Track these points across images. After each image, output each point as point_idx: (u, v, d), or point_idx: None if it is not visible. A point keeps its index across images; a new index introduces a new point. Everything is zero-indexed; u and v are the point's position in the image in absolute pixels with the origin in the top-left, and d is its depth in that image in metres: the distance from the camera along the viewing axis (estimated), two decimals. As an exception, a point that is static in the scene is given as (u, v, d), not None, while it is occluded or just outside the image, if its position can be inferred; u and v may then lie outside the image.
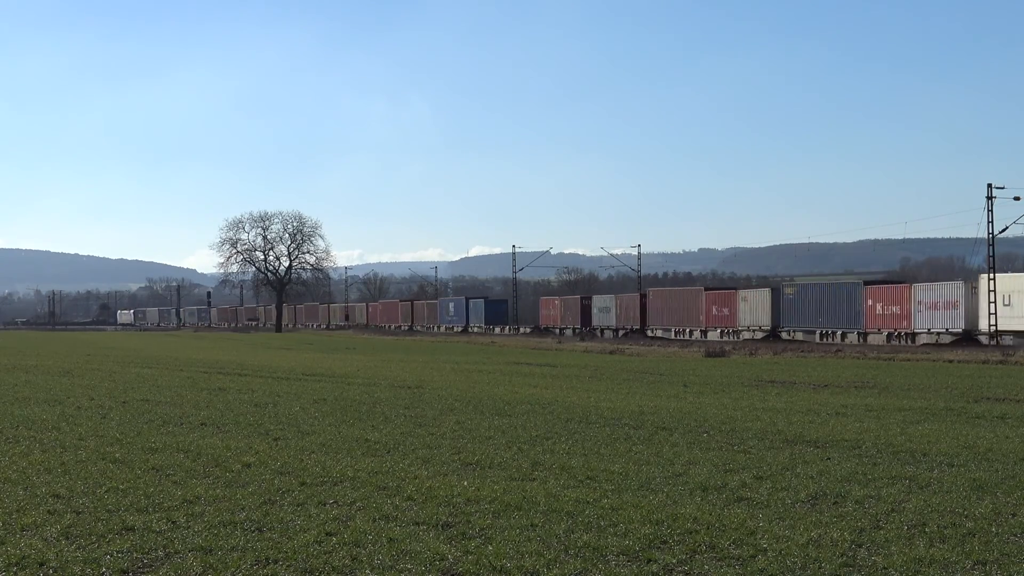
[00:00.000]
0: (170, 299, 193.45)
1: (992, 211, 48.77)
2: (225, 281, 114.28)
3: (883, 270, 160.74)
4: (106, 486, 9.91)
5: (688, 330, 65.95)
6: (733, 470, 10.93)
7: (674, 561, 7.24)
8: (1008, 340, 45.77)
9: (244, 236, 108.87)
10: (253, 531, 8.10)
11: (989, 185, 48.68)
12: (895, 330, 52.00)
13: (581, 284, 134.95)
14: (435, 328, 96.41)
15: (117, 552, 7.47)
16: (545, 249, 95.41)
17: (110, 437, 13.59)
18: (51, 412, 16.86)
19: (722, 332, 62.54)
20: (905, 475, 10.62)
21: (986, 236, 48.54)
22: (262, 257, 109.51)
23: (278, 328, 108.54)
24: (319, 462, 11.38)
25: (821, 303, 56.68)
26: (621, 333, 71.52)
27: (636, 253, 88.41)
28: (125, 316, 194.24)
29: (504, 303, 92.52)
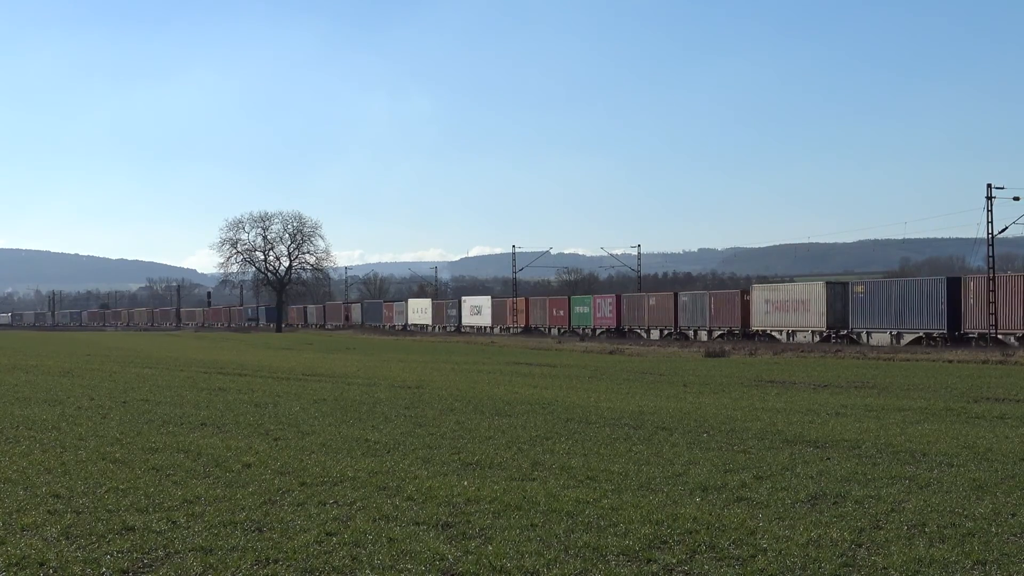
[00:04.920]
0: (170, 299, 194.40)
1: (992, 211, 48.74)
2: (225, 281, 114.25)
3: (883, 270, 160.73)
4: (106, 486, 9.91)
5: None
6: (733, 470, 10.93)
7: (674, 561, 7.24)
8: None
9: (244, 236, 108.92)
10: (253, 531, 8.09)
11: (989, 185, 48.64)
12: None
13: (581, 284, 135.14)
14: (244, 325, 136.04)
15: (117, 552, 7.47)
16: (545, 249, 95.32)
17: (110, 437, 13.59)
18: (51, 412, 16.85)
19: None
20: (905, 475, 10.62)
21: (986, 236, 48.54)
22: (262, 257, 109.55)
23: (278, 328, 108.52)
24: (319, 462, 11.37)
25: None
26: (322, 325, 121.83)
27: (636, 253, 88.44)
28: (2, 318, 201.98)
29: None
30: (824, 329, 53.09)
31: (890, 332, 49.57)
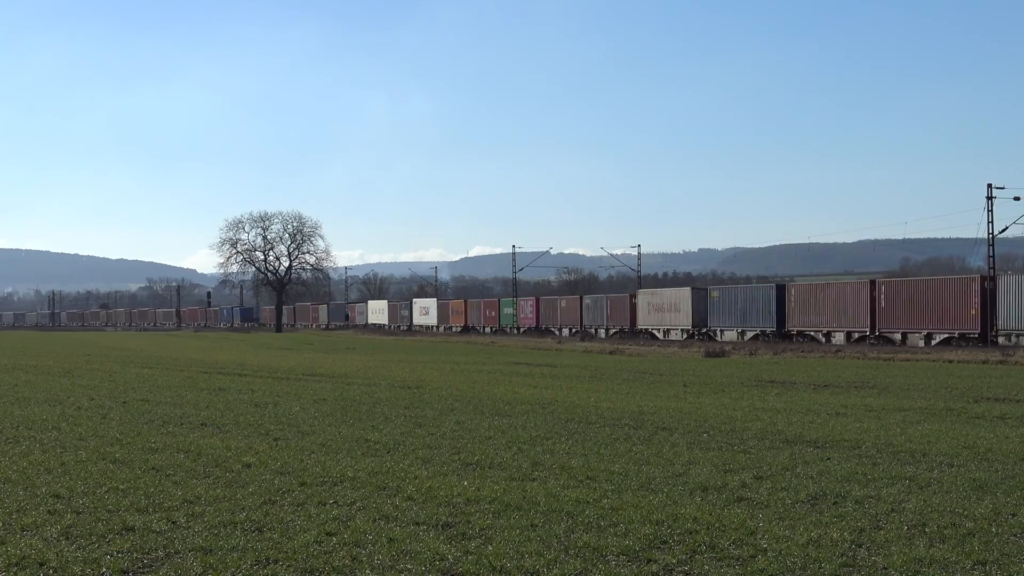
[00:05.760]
0: (170, 299, 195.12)
1: (992, 211, 48.78)
2: (225, 281, 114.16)
3: (883, 270, 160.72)
4: (106, 486, 9.90)
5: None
6: (733, 470, 10.93)
7: (674, 561, 7.24)
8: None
9: (244, 236, 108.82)
10: (253, 531, 8.09)
11: (989, 185, 48.70)
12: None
13: (581, 284, 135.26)
14: (219, 325, 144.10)
15: (117, 552, 7.47)
16: (545, 249, 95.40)
17: (110, 437, 13.59)
18: (51, 412, 16.85)
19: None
20: (905, 475, 10.61)
21: (986, 236, 48.54)
22: (262, 257, 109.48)
23: (278, 328, 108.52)
24: (319, 462, 11.37)
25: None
26: (291, 326, 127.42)
27: (636, 253, 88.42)
28: None
29: (251, 309, 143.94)
30: (690, 328, 61.60)
31: (737, 330, 57.96)
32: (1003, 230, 50.22)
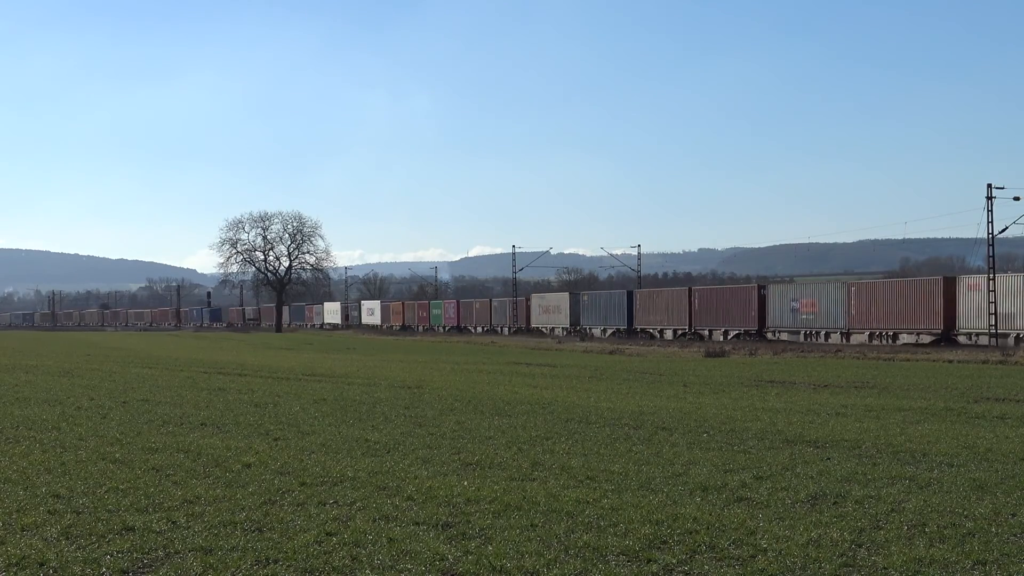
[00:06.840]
0: (170, 299, 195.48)
1: (992, 211, 48.73)
2: (225, 281, 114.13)
3: (883, 270, 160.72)
4: (106, 486, 9.90)
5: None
6: (733, 470, 10.93)
7: (674, 561, 7.24)
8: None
9: (244, 236, 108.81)
10: (253, 531, 8.09)
11: (989, 185, 48.63)
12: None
13: (580, 284, 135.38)
14: (190, 325, 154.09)
15: (117, 552, 7.47)
16: (545, 249, 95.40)
17: (110, 437, 13.58)
18: (51, 412, 16.85)
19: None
20: (905, 475, 10.61)
21: (986, 236, 48.53)
22: (262, 257, 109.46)
23: (278, 328, 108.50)
24: (319, 462, 11.37)
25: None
26: (257, 323, 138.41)
27: (636, 253, 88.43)
28: None
29: (219, 309, 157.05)
30: (568, 326, 75.07)
31: (600, 328, 71.26)
32: (1003, 230, 50.19)
